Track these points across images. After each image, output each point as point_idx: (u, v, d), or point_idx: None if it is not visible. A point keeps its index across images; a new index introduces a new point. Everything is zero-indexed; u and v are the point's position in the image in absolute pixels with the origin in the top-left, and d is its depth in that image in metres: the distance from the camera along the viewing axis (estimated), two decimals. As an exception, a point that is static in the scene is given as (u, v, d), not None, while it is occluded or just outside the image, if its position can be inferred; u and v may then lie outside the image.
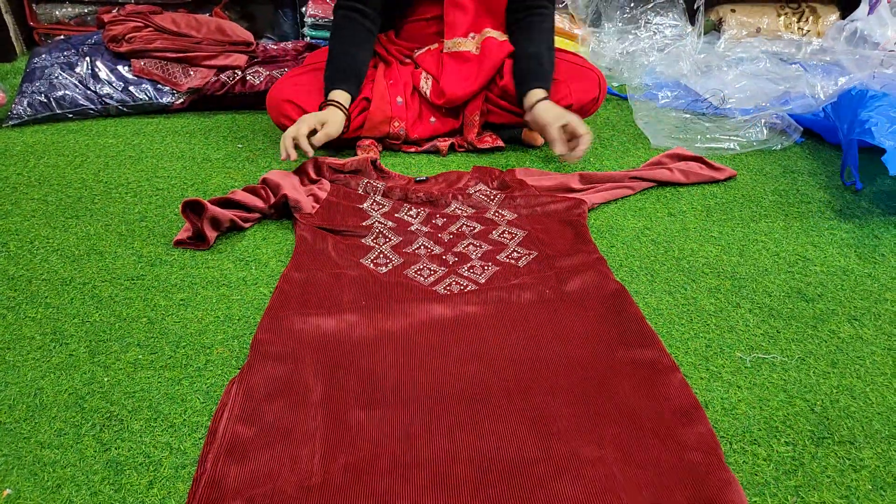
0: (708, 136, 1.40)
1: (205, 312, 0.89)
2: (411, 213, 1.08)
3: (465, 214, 1.07)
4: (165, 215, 1.12)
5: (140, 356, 0.81)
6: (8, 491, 0.64)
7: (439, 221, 1.06)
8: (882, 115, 1.18)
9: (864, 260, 1.04)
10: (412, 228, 1.04)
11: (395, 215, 1.08)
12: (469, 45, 1.32)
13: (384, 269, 0.94)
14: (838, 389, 0.78)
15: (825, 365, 0.82)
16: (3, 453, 0.68)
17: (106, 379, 0.78)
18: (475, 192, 1.13)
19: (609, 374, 0.75)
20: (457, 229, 1.04)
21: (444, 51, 1.32)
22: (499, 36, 1.33)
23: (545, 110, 1.21)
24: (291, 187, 1.09)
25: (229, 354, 0.82)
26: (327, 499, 0.61)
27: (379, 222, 1.05)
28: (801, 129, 1.42)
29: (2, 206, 1.14)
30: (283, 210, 1.09)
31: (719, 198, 1.21)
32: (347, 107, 1.25)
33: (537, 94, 1.23)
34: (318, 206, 1.07)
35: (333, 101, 1.23)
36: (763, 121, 1.41)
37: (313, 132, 1.20)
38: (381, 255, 0.96)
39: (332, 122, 1.20)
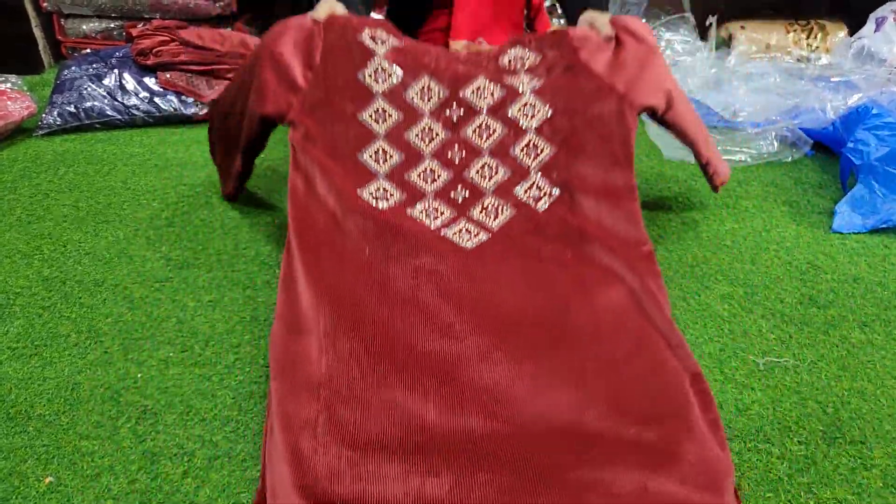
0: (720, 148, 1.43)
1: (232, 313, 0.92)
2: (424, 93, 0.86)
3: (487, 106, 0.86)
4: (192, 221, 1.15)
5: (171, 354, 0.84)
6: (50, 478, 0.68)
7: (454, 115, 0.86)
8: (874, 134, 1.22)
9: (874, 269, 1.06)
10: (419, 131, 0.85)
11: (405, 98, 0.86)
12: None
13: (384, 205, 0.81)
14: (849, 392, 0.80)
15: (836, 369, 0.84)
16: (43, 444, 0.71)
17: (140, 375, 0.81)
18: (508, 57, 0.89)
19: (632, 364, 0.71)
20: (473, 131, 0.85)
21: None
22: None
23: (596, 14, 0.94)
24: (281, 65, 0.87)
25: (256, 353, 0.85)
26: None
27: (381, 110, 0.85)
28: (811, 141, 1.45)
29: (34, 212, 1.18)
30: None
31: (731, 208, 1.23)
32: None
33: (589, 8, 0.97)
34: (310, 74, 0.86)
35: None
36: (774, 133, 1.44)
37: None
38: (381, 186, 0.82)
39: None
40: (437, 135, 0.85)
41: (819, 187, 1.32)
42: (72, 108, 1.49)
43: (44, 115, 1.49)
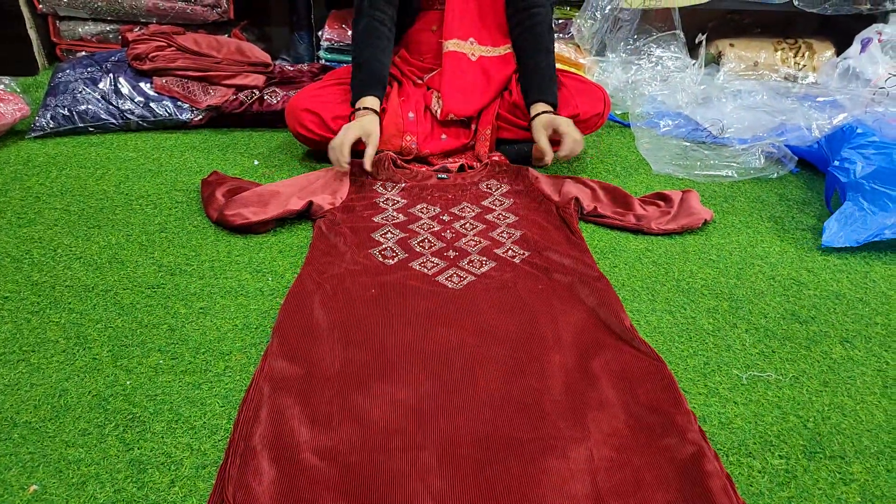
0: (707, 163, 1.46)
1: (223, 321, 0.92)
2: (422, 210, 1.18)
3: (470, 216, 1.17)
4: (184, 227, 1.16)
5: (161, 361, 0.85)
6: (35, 487, 0.67)
7: (446, 216, 1.16)
8: (860, 153, 1.25)
9: (856, 285, 1.08)
10: (419, 225, 1.13)
11: (409, 210, 1.17)
12: (465, 48, 1.38)
13: (391, 262, 1.02)
14: (830, 407, 0.82)
15: (818, 384, 0.86)
16: (29, 451, 0.71)
17: (128, 382, 0.81)
18: (485, 184, 1.27)
19: (594, 361, 0.82)
20: (461, 226, 1.13)
21: (443, 50, 1.39)
22: (495, 51, 1.40)
23: (539, 120, 1.29)
24: (316, 192, 1.20)
25: (247, 361, 0.85)
26: (342, 473, 0.66)
27: (391, 216, 1.15)
28: (797, 158, 1.48)
29: (25, 215, 1.18)
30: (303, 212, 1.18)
31: (717, 222, 1.25)
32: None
33: (538, 107, 1.32)
34: (335, 204, 1.17)
35: (370, 107, 1.27)
36: (760, 150, 1.47)
37: (357, 141, 1.26)
38: (389, 249, 1.05)
39: (375, 133, 1.25)
40: (432, 226, 1.14)
41: (803, 204, 1.35)
42: (65, 111, 1.48)
43: (37, 118, 1.48)
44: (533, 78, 1.34)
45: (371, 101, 1.28)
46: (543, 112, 1.30)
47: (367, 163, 1.23)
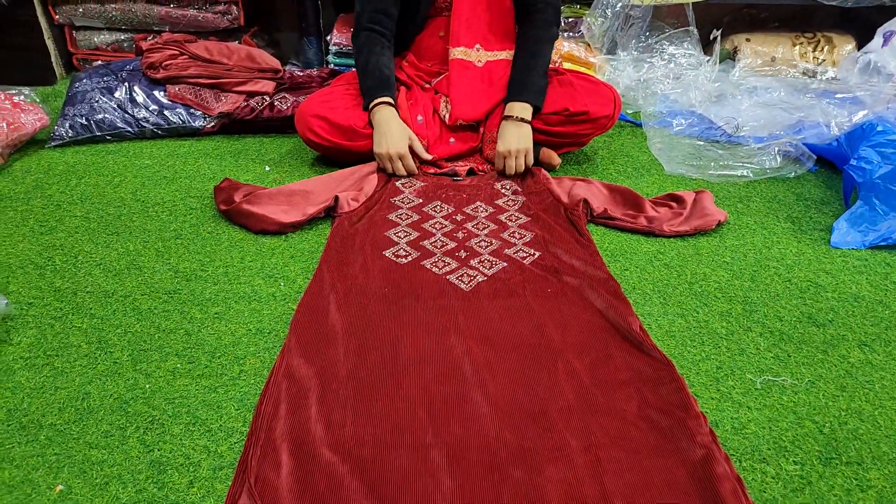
0: (721, 163, 1.44)
1: (238, 325, 0.94)
2: (436, 208, 1.21)
3: (482, 216, 1.19)
4: (199, 233, 1.18)
5: (178, 365, 0.87)
6: (61, 487, 0.70)
7: (458, 216, 1.19)
8: (878, 152, 1.22)
9: (876, 287, 1.06)
10: (432, 224, 1.16)
11: (422, 209, 1.21)
12: (472, 55, 1.39)
13: (404, 261, 1.05)
14: (847, 412, 0.81)
15: (835, 388, 0.84)
16: (54, 452, 0.74)
17: (148, 385, 0.83)
18: (500, 184, 1.30)
19: (602, 367, 0.83)
20: (473, 226, 1.16)
21: (450, 57, 1.39)
22: (501, 54, 1.40)
23: (503, 128, 1.32)
24: (340, 188, 1.25)
25: (261, 365, 0.87)
26: (357, 469, 0.68)
27: (405, 214, 1.19)
28: (815, 157, 1.45)
29: (47, 223, 1.21)
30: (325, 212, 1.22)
31: (732, 223, 1.24)
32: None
33: (507, 108, 1.33)
34: (359, 201, 1.21)
35: (387, 102, 1.30)
36: (776, 149, 1.44)
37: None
38: (402, 248, 1.08)
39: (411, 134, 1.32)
40: (445, 225, 1.16)
41: (822, 204, 1.33)
42: (83, 121, 1.52)
43: (56, 127, 1.52)
44: (511, 78, 1.35)
45: (387, 99, 1.32)
46: (506, 116, 1.31)
47: (425, 154, 1.31)
